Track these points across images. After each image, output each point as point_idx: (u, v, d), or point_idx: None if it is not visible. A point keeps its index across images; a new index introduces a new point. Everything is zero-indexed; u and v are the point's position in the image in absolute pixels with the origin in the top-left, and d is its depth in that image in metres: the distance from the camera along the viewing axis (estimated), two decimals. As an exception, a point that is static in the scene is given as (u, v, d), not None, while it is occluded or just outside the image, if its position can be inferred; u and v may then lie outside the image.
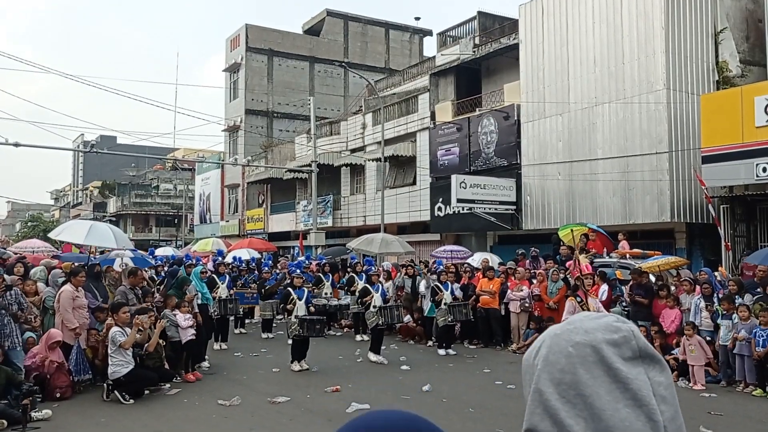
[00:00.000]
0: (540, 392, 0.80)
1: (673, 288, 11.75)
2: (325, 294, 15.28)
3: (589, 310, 7.87)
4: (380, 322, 11.94)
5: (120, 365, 8.66)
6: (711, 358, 10.09)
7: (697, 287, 11.04)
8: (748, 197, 14.78)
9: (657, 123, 16.23)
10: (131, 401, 8.56)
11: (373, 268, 14.98)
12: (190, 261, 17.29)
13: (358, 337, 14.58)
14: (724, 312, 9.86)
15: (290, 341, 11.59)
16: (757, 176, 13.81)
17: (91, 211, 66.24)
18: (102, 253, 14.62)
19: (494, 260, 16.55)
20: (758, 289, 10.44)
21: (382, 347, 12.20)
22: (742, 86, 15.27)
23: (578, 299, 7.88)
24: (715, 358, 10.16)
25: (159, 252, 24.32)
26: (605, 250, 13.85)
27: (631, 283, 11.76)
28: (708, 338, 10.34)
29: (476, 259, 16.59)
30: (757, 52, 17.23)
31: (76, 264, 11.19)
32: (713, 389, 9.54)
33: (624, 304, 11.81)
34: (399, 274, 16.15)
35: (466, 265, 15.68)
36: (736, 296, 10.13)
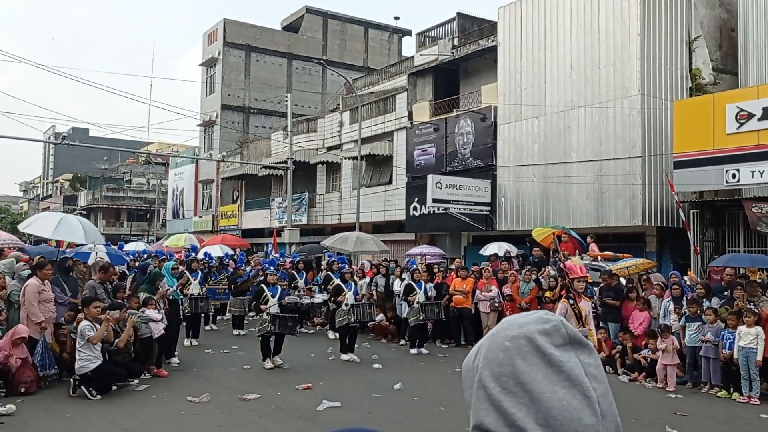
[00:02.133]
0: (484, 388, 0.85)
1: (642, 291, 11.92)
2: (298, 292, 15.21)
3: (580, 312, 7.93)
4: (352, 319, 11.92)
5: (88, 360, 8.51)
6: (678, 362, 10.26)
7: (667, 290, 11.22)
8: (717, 203, 15.03)
9: (631, 128, 16.44)
10: (98, 397, 8.42)
11: (346, 266, 14.94)
12: (163, 256, 17.14)
13: (331, 335, 14.53)
14: (690, 314, 10.02)
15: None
16: (727, 182, 14.06)
17: (61, 204, 65.19)
18: (78, 246, 14.38)
19: (502, 248, 16.51)
20: (725, 293, 10.63)
21: (355, 345, 12.18)
22: (714, 94, 15.52)
23: (570, 302, 7.94)
24: (682, 360, 10.33)
25: (128, 247, 24.00)
26: (577, 252, 13.99)
27: (601, 285, 11.90)
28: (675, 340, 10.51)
29: (492, 249, 16.54)
30: (729, 60, 17.54)
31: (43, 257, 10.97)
32: (679, 390, 9.69)
33: (594, 305, 11.93)
34: (375, 275, 16.11)
35: (439, 264, 15.74)
36: (704, 299, 10.31)
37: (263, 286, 11.52)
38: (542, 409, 0.80)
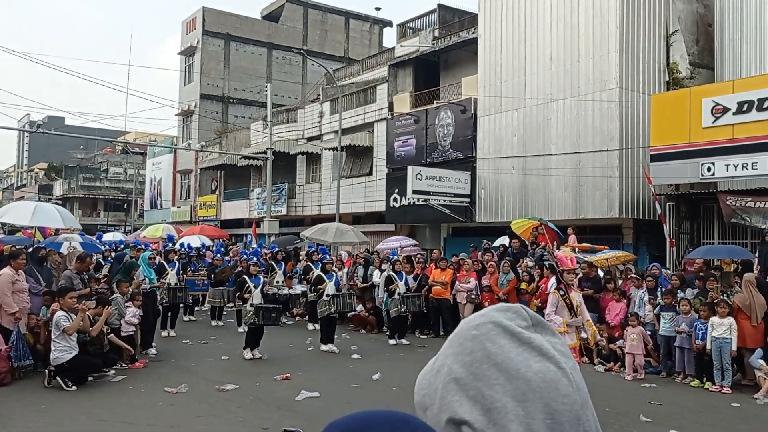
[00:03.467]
0: (455, 381, 0.84)
1: (619, 282, 12.07)
2: (277, 282, 15.16)
3: (572, 303, 7.94)
4: (332, 310, 11.93)
5: (63, 351, 8.42)
6: (651, 348, 10.43)
7: (643, 282, 11.37)
8: (693, 196, 15.24)
9: (609, 121, 16.58)
10: (74, 388, 8.34)
11: (327, 256, 14.92)
12: (140, 246, 16.95)
13: (310, 326, 14.52)
14: (664, 304, 10.19)
15: (241, 329, 11.48)
16: (702, 175, 14.26)
17: (36, 193, 64.18)
18: (57, 232, 14.22)
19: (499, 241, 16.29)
20: (695, 282, 10.80)
21: (335, 336, 12.18)
22: (690, 88, 15.70)
23: (561, 293, 7.95)
24: (656, 350, 10.50)
25: (107, 237, 23.77)
26: (555, 244, 14.09)
27: (580, 276, 12.01)
28: (650, 331, 10.67)
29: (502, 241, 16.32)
30: (705, 55, 17.75)
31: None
32: (653, 380, 9.84)
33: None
34: (354, 265, 16.12)
35: (419, 256, 15.78)
36: (678, 290, 10.47)
37: (245, 276, 11.49)
38: (520, 385, 0.80)
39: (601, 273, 12.48)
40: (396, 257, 14.73)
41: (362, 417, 0.81)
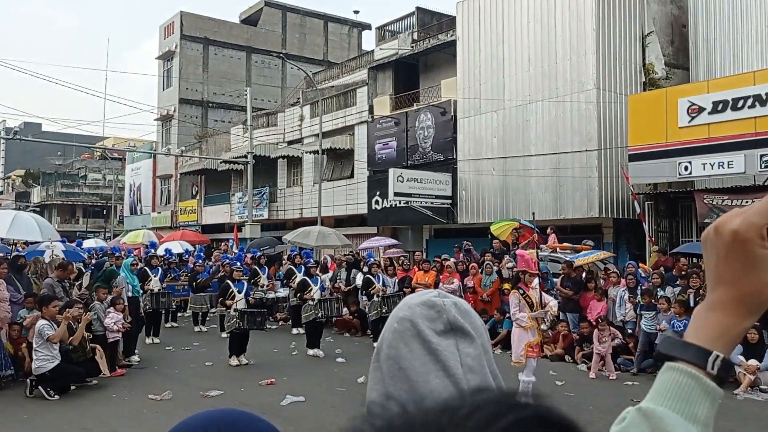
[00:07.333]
0: (380, 369, 0.84)
1: (601, 281, 12.21)
2: (262, 287, 15.10)
3: (531, 301, 8.18)
4: (319, 314, 11.89)
5: (45, 360, 8.33)
6: (632, 347, 10.56)
7: (622, 280, 11.52)
8: (670, 194, 15.46)
9: (587, 121, 16.76)
10: (56, 397, 8.26)
11: (311, 260, 14.89)
12: (118, 253, 16.80)
13: (294, 330, 14.48)
14: (644, 303, 10.33)
15: (224, 334, 11.41)
16: (680, 174, 14.48)
17: (13, 201, 63.26)
18: (34, 243, 14.03)
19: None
20: (678, 282, 10.97)
21: (320, 340, 12.15)
22: (666, 88, 15.94)
23: (521, 291, 8.14)
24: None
25: (87, 244, 23.49)
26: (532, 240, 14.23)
27: (562, 276, 12.14)
28: (631, 330, 10.82)
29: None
30: (680, 55, 18.02)
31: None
32: (636, 377, 9.96)
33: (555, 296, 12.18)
34: (337, 267, 16.13)
35: (402, 258, 15.83)
36: (659, 288, 10.61)
37: (228, 281, 11.42)
38: (416, 398, 0.75)
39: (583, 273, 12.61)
40: (372, 259, 14.73)
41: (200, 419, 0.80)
